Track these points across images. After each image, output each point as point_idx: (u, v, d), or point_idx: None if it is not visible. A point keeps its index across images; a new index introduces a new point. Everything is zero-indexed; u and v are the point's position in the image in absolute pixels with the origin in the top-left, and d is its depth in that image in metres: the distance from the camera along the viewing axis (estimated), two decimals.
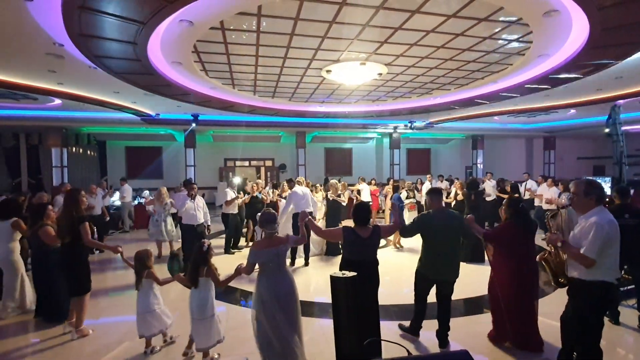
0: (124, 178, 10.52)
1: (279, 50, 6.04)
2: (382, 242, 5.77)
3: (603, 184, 2.91)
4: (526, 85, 7.87)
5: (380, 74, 7.33)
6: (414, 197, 8.47)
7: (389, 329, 3.87)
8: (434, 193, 3.60)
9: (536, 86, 7.93)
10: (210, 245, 3.32)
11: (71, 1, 3.75)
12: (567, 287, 2.79)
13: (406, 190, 8.46)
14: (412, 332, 3.71)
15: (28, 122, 11.48)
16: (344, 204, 7.98)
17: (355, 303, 2.17)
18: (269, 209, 3.20)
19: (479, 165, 17.63)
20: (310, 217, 3.27)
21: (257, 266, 3.01)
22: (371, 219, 3.51)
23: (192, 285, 3.23)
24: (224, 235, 7.87)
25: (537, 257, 3.09)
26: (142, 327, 3.47)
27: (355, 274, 2.21)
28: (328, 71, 7.14)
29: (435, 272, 3.45)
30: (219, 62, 6.62)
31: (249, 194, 7.78)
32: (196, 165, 14.36)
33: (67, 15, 4.10)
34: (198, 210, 6.23)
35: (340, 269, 3.01)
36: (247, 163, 16.91)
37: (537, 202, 9.05)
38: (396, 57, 6.46)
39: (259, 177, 15.93)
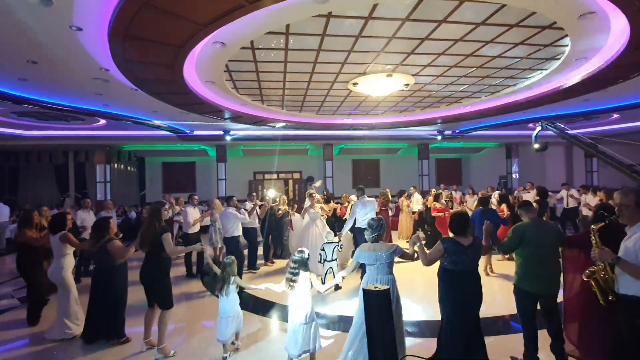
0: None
1: (306, 65, 6.19)
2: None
3: None
4: (563, 91, 7.54)
5: (407, 85, 7.29)
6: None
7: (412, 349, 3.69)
8: (525, 205, 3.68)
9: (574, 91, 7.56)
10: None
11: (117, 29, 4.07)
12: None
13: (445, 200, 8.20)
14: None
15: (76, 141, 12.42)
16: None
17: (389, 317, 2.13)
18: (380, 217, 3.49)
19: (514, 175, 16.83)
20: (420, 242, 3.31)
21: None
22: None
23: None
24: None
25: (584, 275, 2.85)
26: (221, 332, 3.49)
27: (388, 287, 2.17)
28: (354, 84, 7.21)
29: (534, 284, 3.32)
30: (249, 79, 6.88)
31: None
32: (227, 178, 14.79)
33: (113, 43, 4.44)
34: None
35: (442, 281, 3.16)
36: (275, 176, 17.17)
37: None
38: (423, 67, 6.42)
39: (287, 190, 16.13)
